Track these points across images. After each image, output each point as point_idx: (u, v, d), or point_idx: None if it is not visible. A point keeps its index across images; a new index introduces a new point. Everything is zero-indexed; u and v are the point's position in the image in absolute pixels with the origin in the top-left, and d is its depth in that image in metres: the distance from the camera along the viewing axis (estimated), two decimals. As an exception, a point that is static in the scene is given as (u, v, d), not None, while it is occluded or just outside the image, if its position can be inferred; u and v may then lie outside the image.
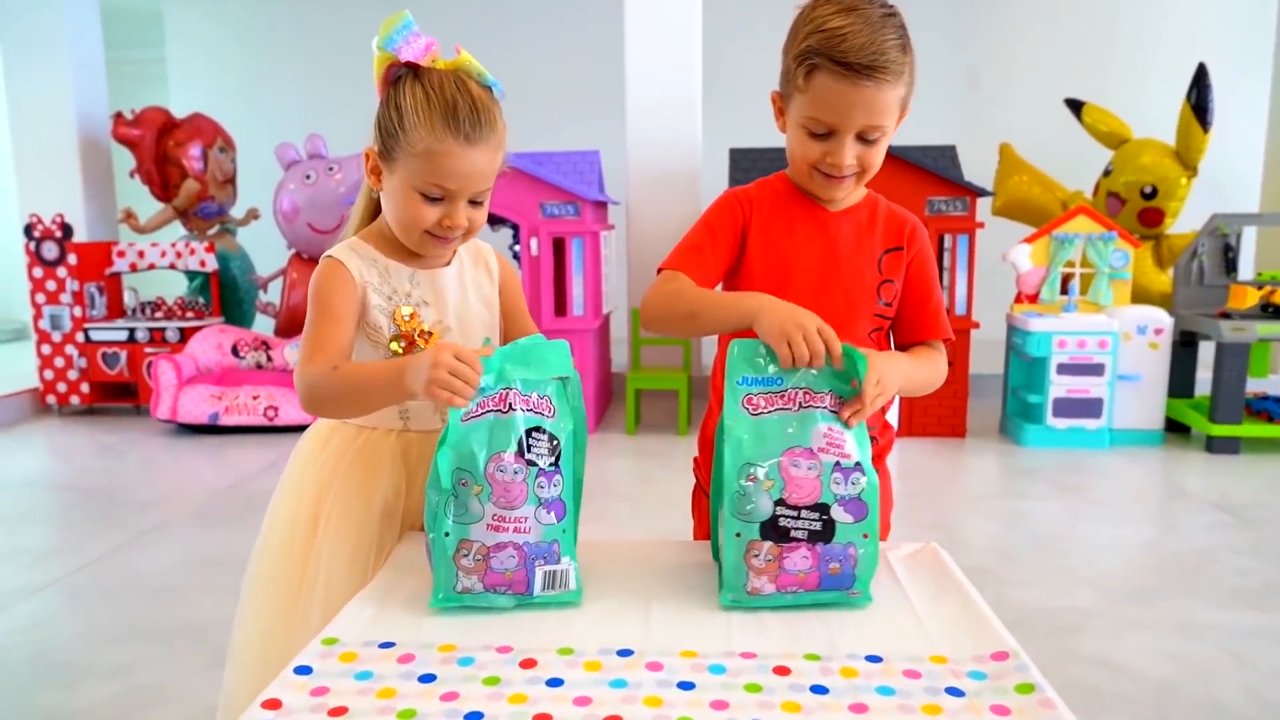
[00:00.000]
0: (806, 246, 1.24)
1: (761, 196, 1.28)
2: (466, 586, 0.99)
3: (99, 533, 2.97)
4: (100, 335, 4.73)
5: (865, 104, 1.11)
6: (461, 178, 1.12)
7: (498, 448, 0.99)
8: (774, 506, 0.98)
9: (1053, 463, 3.76)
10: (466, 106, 1.10)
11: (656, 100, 4.64)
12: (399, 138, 1.11)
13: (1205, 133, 4.53)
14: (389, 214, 1.19)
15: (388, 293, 1.20)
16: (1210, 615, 2.29)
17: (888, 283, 1.25)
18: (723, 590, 1.00)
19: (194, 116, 5.35)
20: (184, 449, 4.12)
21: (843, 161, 1.15)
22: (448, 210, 1.14)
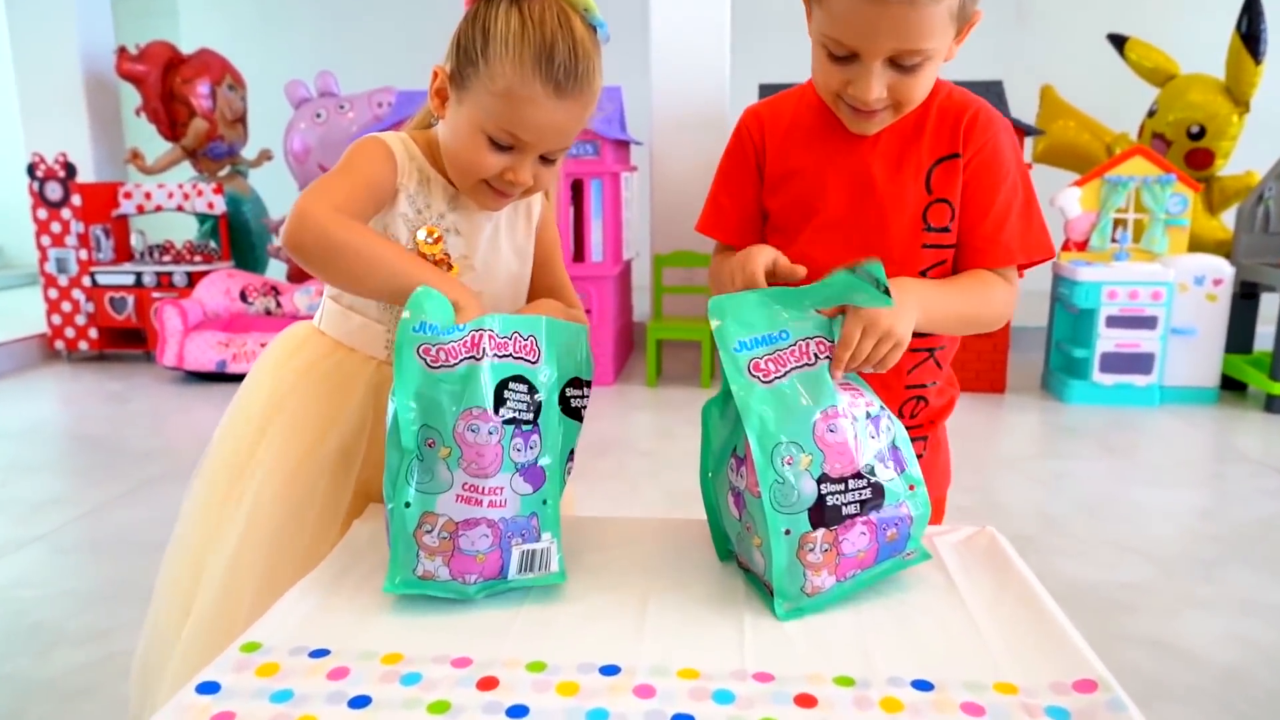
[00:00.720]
0: (832, 171, 1.03)
1: (776, 117, 1.07)
2: (428, 571, 0.82)
3: (96, 483, 2.86)
4: (107, 279, 4.60)
5: (894, 25, 0.86)
6: (541, 130, 0.95)
7: (470, 402, 0.82)
8: (818, 486, 0.80)
9: (1099, 421, 3.53)
10: (566, 49, 0.92)
11: (682, 32, 4.35)
12: (479, 67, 0.93)
13: (1258, 64, 4.16)
14: (447, 147, 1.02)
15: (420, 205, 1.03)
16: (1274, 593, 2.08)
17: (939, 203, 1.01)
18: (776, 602, 0.81)
19: (201, 52, 5.14)
20: (190, 397, 4.00)
21: (868, 94, 0.92)
22: (515, 162, 0.98)
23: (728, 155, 1.11)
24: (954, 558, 0.95)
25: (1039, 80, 4.79)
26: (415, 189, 1.03)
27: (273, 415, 1.08)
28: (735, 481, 0.87)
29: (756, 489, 0.80)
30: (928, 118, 1.01)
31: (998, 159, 1.00)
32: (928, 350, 1.08)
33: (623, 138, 4.23)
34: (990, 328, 1.04)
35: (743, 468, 0.84)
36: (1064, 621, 0.79)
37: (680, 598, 0.86)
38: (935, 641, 0.77)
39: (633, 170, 4.55)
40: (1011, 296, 1.03)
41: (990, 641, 0.77)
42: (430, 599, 0.83)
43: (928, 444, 1.13)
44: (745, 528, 0.86)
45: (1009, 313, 1.03)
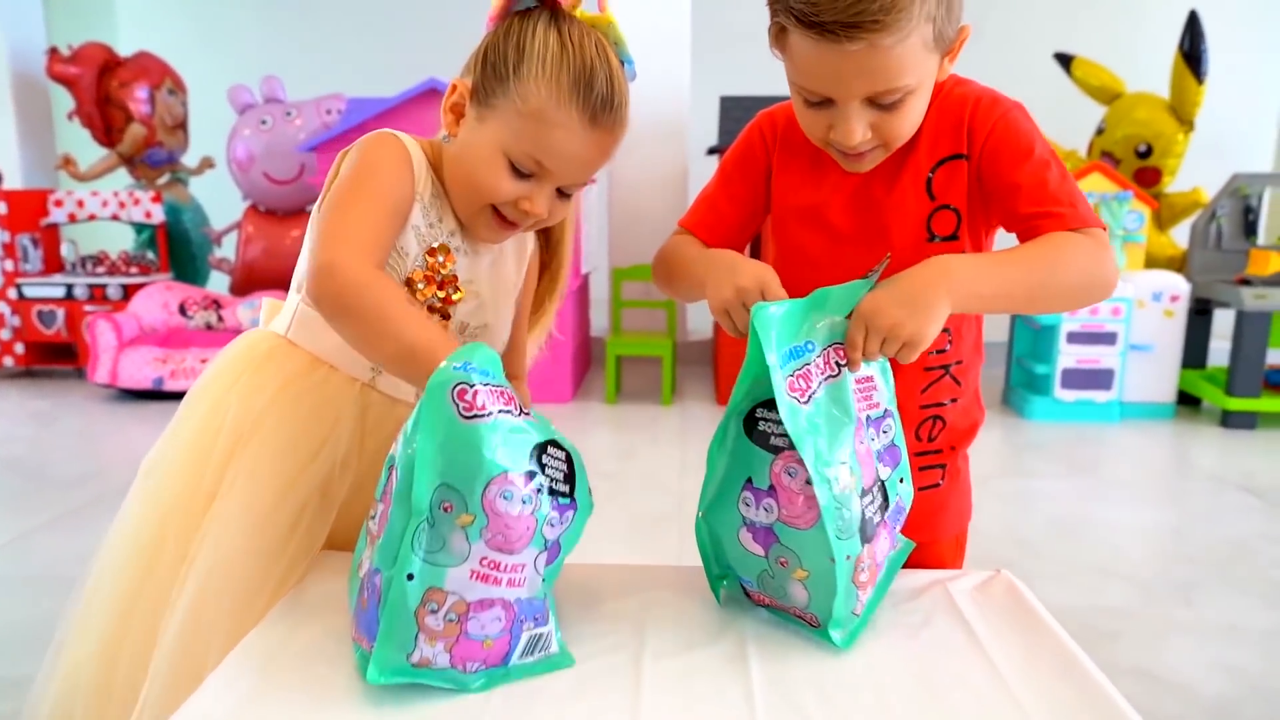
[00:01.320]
0: (832, 185, 0.95)
1: (790, 122, 0.99)
2: (426, 658, 0.69)
3: (15, 512, 2.65)
4: (35, 291, 4.34)
5: (860, 70, 0.80)
6: (567, 160, 0.88)
7: (507, 464, 0.69)
8: (860, 500, 0.76)
9: (1061, 438, 3.52)
10: (604, 78, 0.87)
11: (642, 42, 4.25)
12: (509, 84, 0.86)
13: (1200, 84, 4.22)
14: (459, 168, 0.92)
15: (433, 218, 0.93)
16: (1258, 618, 2.05)
17: (943, 209, 0.92)
18: (831, 631, 0.76)
19: (140, 55, 4.92)
20: (123, 416, 3.78)
21: (849, 139, 0.84)
22: (532, 191, 0.90)
23: (735, 152, 1.03)
24: (972, 607, 0.86)
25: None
26: (430, 200, 0.94)
27: (240, 443, 0.94)
28: (756, 516, 0.78)
29: (806, 519, 0.74)
30: (927, 118, 0.92)
31: (1013, 136, 0.89)
32: (942, 367, 0.99)
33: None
34: (1083, 295, 0.87)
35: (768, 499, 0.77)
36: (1100, 677, 0.71)
37: (680, 663, 0.75)
38: (969, 709, 0.68)
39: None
40: (1098, 252, 0.85)
41: (1027, 707, 0.68)
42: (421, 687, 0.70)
43: (946, 472, 1.03)
44: (778, 563, 0.78)
45: (1104, 273, 0.86)
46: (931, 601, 0.86)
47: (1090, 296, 0.87)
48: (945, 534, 1.05)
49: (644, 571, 0.96)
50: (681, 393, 4.21)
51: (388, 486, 0.73)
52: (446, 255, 0.94)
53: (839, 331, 0.79)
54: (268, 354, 0.98)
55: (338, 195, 0.87)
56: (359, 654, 0.72)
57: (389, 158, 0.90)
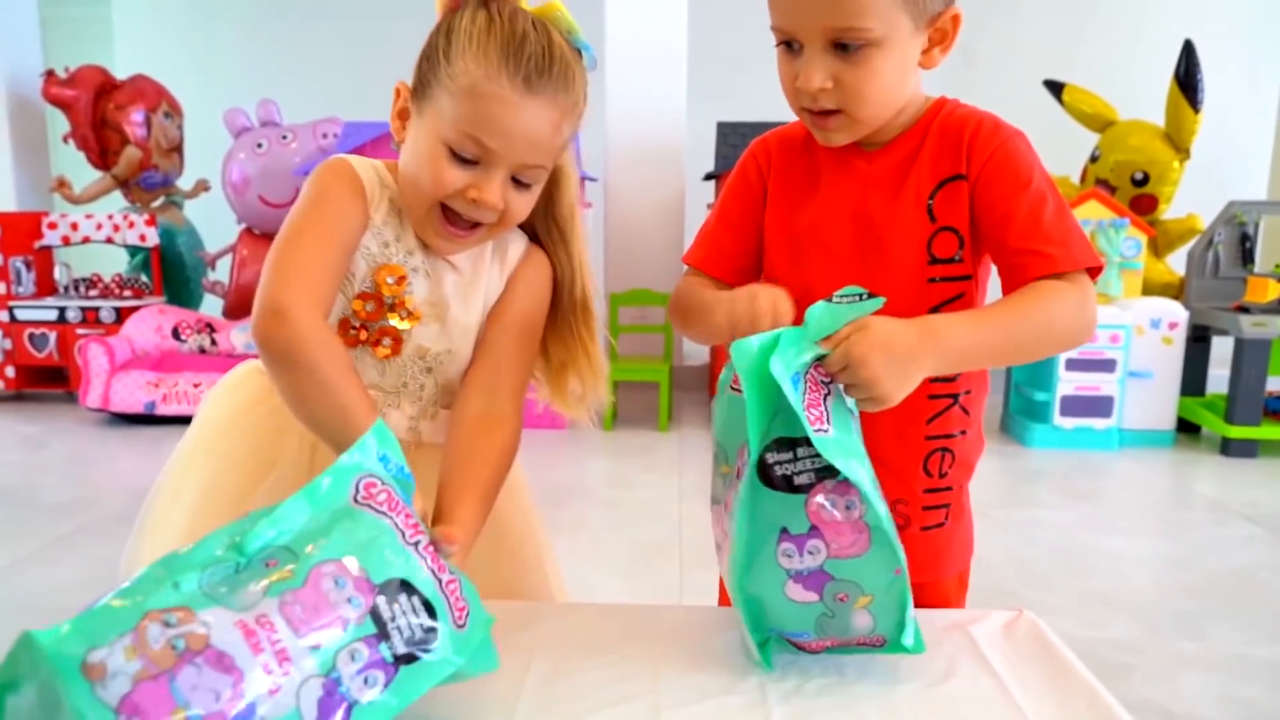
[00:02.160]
0: (827, 207, 0.92)
1: (786, 144, 0.97)
2: (96, 662, 0.52)
3: (3, 540, 2.60)
4: (27, 314, 4.31)
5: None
6: (509, 136, 0.82)
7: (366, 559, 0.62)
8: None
9: (1062, 466, 3.50)
10: (538, 44, 0.83)
11: (638, 68, 4.28)
12: (440, 69, 0.83)
13: (1195, 113, 4.26)
14: (404, 170, 0.89)
15: (388, 237, 0.90)
16: (1266, 650, 2.02)
17: (945, 231, 0.89)
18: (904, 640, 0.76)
19: (136, 78, 4.92)
20: (114, 442, 3.73)
21: (810, 82, 0.83)
22: (478, 178, 0.84)
23: (732, 186, 1.01)
24: (998, 654, 0.83)
25: (990, 124, 4.84)
26: (384, 220, 0.90)
27: (201, 458, 0.97)
28: (803, 564, 0.75)
29: (859, 545, 0.74)
30: (926, 138, 0.91)
31: (1012, 164, 0.87)
32: (950, 396, 0.95)
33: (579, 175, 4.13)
34: (1061, 347, 0.86)
35: (812, 541, 0.74)
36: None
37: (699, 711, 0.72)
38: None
39: (587, 207, 4.45)
40: (1082, 301, 0.84)
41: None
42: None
43: (951, 511, 0.99)
44: (836, 599, 0.75)
45: (1084, 322, 0.84)
46: (955, 646, 0.83)
47: (1070, 347, 0.87)
48: (949, 573, 1.02)
49: (653, 612, 0.92)
50: (678, 419, 4.18)
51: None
52: (398, 278, 0.90)
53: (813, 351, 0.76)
54: (240, 379, 1.01)
55: (289, 228, 0.85)
56: None
57: (338, 187, 0.88)
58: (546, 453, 3.60)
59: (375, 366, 0.94)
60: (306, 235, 0.84)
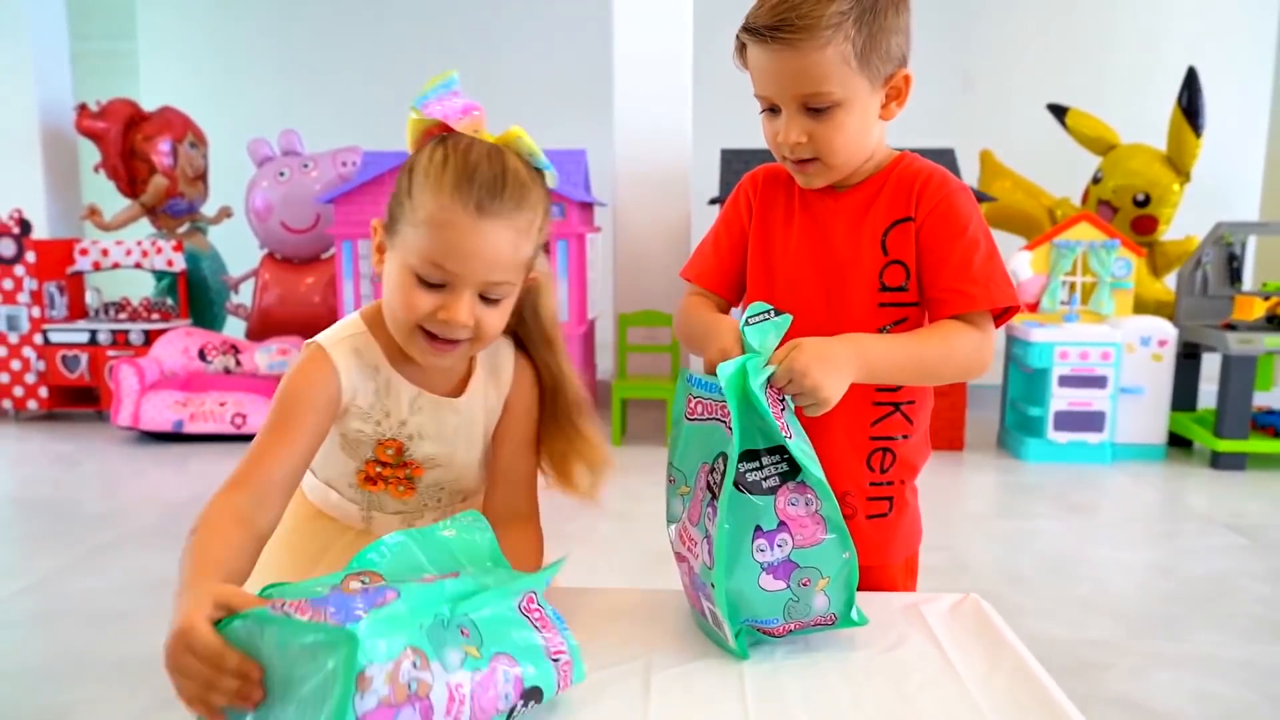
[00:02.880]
0: (798, 236, 1.09)
1: (770, 180, 1.14)
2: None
3: (44, 551, 2.76)
4: (60, 337, 4.50)
5: (788, 69, 0.97)
6: (467, 258, 0.89)
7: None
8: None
9: (1055, 479, 3.62)
10: (491, 172, 0.89)
11: (646, 97, 4.47)
12: (405, 203, 0.91)
13: (1197, 137, 4.42)
14: (385, 302, 0.96)
15: (378, 417, 0.99)
16: (1237, 650, 2.14)
17: (894, 264, 1.05)
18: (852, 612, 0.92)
19: (164, 110, 5.13)
20: (145, 459, 3.90)
21: (788, 138, 1.00)
22: (446, 300, 0.90)
23: (726, 207, 1.17)
24: (942, 626, 0.97)
25: (989, 148, 4.99)
26: (371, 403, 0.99)
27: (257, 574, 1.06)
28: (773, 556, 0.88)
29: (817, 535, 0.88)
30: (886, 183, 1.06)
31: (952, 215, 1.03)
32: (893, 405, 1.09)
33: (587, 200, 4.30)
34: (961, 376, 1.03)
35: (780, 535, 0.88)
36: (1056, 691, 0.81)
37: (682, 671, 0.86)
38: (935, 714, 0.79)
39: (597, 231, 4.62)
40: (982, 343, 1.02)
41: (987, 714, 0.78)
42: None
43: (894, 504, 1.13)
44: (800, 585, 0.89)
45: (981, 359, 1.02)
46: (907, 623, 0.97)
47: (967, 378, 1.05)
48: (895, 558, 1.16)
49: (653, 595, 1.07)
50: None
51: None
52: (396, 449, 1.01)
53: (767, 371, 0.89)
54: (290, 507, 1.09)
55: (263, 425, 0.93)
56: None
57: (304, 383, 0.95)
58: (557, 468, 3.74)
59: (397, 501, 1.06)
60: (262, 437, 0.91)
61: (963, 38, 6.16)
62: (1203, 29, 5.84)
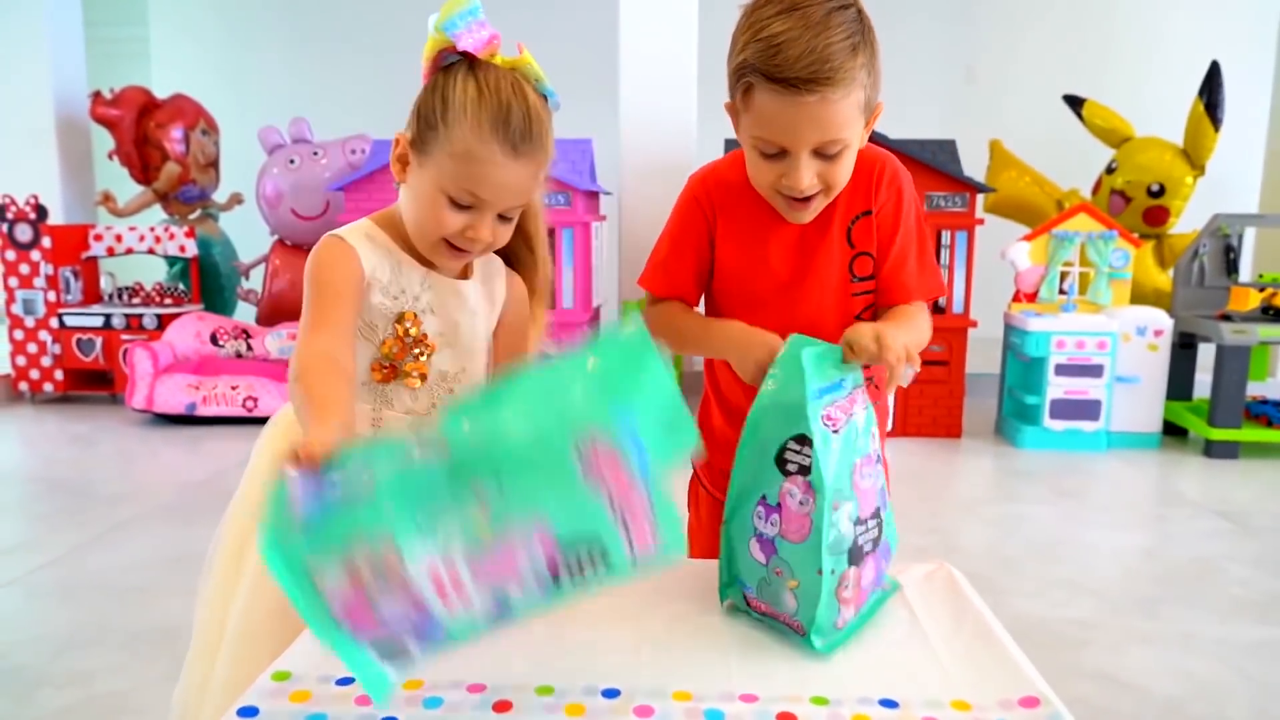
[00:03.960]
0: (772, 241, 1.15)
1: (725, 192, 1.17)
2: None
3: (64, 528, 2.86)
4: (75, 321, 4.59)
5: (812, 120, 0.97)
6: (499, 189, 1.01)
7: None
8: (854, 529, 0.91)
9: (1049, 466, 3.69)
10: (520, 114, 0.99)
11: (651, 88, 4.53)
12: (439, 131, 0.99)
13: (1217, 131, 4.47)
14: (408, 211, 1.07)
15: (395, 292, 1.07)
16: (1214, 629, 2.21)
17: (862, 255, 1.14)
18: (813, 638, 0.88)
19: (176, 97, 5.20)
20: (159, 440, 4.00)
21: (800, 183, 1.02)
22: (474, 220, 1.02)
23: (678, 221, 1.19)
24: (915, 591, 1.04)
25: (989, 138, 5.03)
26: (389, 279, 1.07)
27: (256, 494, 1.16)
28: (764, 528, 0.93)
29: (801, 534, 0.89)
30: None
31: (899, 210, 1.13)
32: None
33: (593, 188, 4.36)
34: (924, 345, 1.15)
35: (774, 515, 0.91)
36: (1012, 647, 0.89)
37: (671, 629, 0.94)
38: (899, 665, 0.87)
39: (602, 220, 4.68)
40: (927, 321, 1.16)
41: (948, 666, 0.86)
42: None
43: None
44: (774, 572, 0.92)
45: (929, 335, 1.16)
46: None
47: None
48: None
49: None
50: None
51: None
52: (413, 320, 1.08)
53: (859, 379, 0.96)
54: (290, 423, 1.18)
55: (303, 317, 1.01)
56: None
57: (331, 261, 1.03)
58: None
59: (409, 395, 1.12)
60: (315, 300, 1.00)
61: (965, 30, 6.19)
62: (1204, 20, 5.86)
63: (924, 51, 5.95)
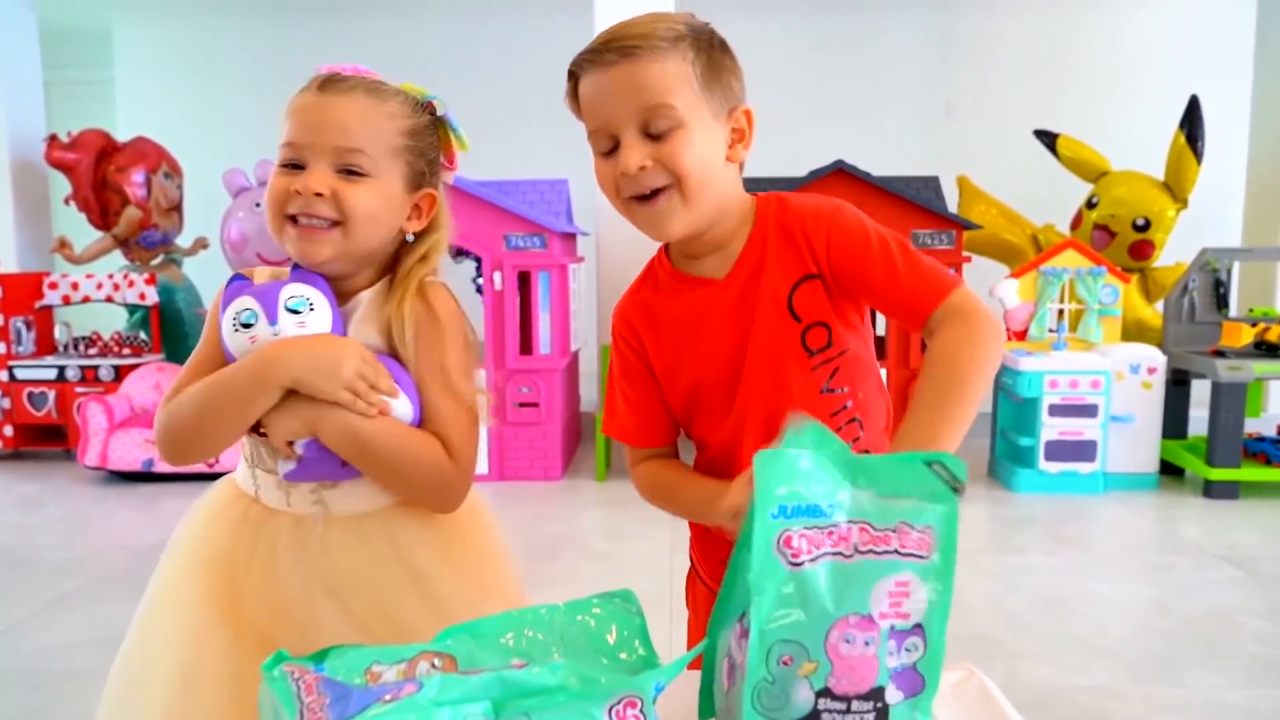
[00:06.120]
0: (707, 342, 0.99)
1: (639, 305, 1.05)
2: None
3: (4, 602, 2.64)
4: (26, 374, 4.37)
5: (623, 85, 0.90)
6: (314, 127, 0.93)
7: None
8: (815, 699, 0.69)
9: (1048, 510, 3.55)
10: (338, 72, 0.98)
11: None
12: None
13: (1198, 164, 4.43)
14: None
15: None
16: (1240, 693, 2.07)
17: (815, 326, 0.97)
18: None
19: (137, 140, 5.04)
20: (112, 500, 3.78)
21: (629, 164, 0.90)
22: (302, 176, 0.93)
23: (618, 366, 1.07)
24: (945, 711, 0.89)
25: (970, 173, 4.98)
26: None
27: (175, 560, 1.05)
28: (734, 653, 0.76)
29: (732, 677, 0.72)
30: (767, 245, 0.98)
31: (848, 236, 0.95)
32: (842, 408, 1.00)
33: (569, 230, 4.23)
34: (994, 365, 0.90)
35: (744, 641, 0.73)
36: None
37: None
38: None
39: (580, 261, 4.55)
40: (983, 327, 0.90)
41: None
42: None
43: None
44: (727, 708, 0.76)
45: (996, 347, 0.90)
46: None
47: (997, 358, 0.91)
48: None
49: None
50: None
51: None
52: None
53: (870, 507, 0.71)
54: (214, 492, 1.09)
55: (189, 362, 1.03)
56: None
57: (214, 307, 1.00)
58: (541, 505, 3.66)
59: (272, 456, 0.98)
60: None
61: (944, 65, 6.17)
62: (1180, 55, 5.87)
63: (904, 86, 5.92)
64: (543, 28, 6.15)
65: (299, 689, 0.60)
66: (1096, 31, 6.03)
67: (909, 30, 6.04)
